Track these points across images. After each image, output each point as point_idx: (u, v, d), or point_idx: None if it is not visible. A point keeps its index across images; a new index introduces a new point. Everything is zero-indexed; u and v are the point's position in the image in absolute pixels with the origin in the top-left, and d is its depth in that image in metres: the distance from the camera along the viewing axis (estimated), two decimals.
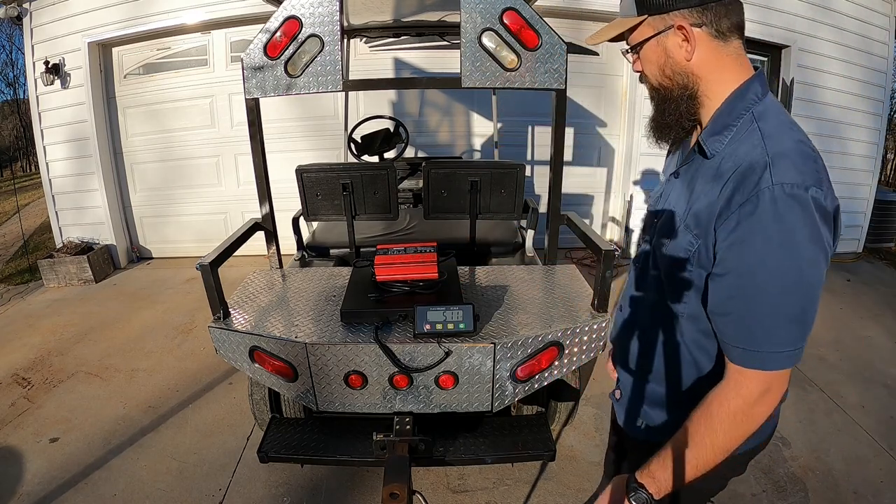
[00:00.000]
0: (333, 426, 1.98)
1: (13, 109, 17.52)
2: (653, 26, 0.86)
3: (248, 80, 1.85)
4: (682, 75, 0.88)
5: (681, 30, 0.84)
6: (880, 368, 3.04)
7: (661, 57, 0.88)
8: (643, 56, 0.91)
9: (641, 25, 0.88)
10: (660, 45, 0.87)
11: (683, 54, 0.85)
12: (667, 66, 0.88)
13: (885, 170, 12.03)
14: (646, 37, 0.88)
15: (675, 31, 0.84)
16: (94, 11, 4.38)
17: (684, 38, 0.85)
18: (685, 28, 0.84)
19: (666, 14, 0.84)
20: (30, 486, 2.18)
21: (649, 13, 0.86)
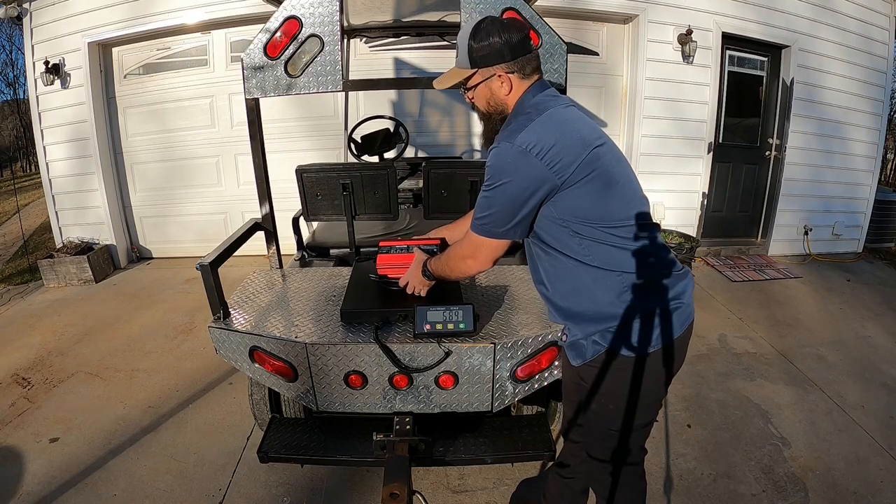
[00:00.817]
0: (333, 426, 1.98)
1: (13, 109, 17.52)
2: (482, 75, 1.30)
3: (248, 80, 1.85)
4: (499, 104, 1.32)
5: (500, 77, 1.28)
6: (880, 368, 3.04)
7: (488, 94, 1.32)
8: (476, 94, 1.34)
9: (475, 75, 1.30)
10: (487, 86, 1.31)
11: (503, 91, 1.30)
12: (491, 99, 1.32)
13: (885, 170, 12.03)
14: (477, 82, 1.31)
15: (497, 77, 1.28)
16: (95, 11, 4.38)
17: (503, 82, 1.28)
18: (502, 76, 1.28)
19: (490, 67, 1.27)
20: (30, 486, 2.18)
21: (479, 67, 1.28)
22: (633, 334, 1.26)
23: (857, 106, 4.96)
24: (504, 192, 1.22)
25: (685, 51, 4.48)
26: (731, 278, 4.48)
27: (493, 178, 1.24)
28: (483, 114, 1.37)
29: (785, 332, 3.50)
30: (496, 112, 1.34)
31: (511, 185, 1.21)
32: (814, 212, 5.10)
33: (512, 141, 1.20)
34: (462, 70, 1.31)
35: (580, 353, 1.34)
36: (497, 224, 1.27)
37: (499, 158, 1.22)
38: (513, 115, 1.30)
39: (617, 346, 1.27)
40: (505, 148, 1.21)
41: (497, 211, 1.26)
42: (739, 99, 4.95)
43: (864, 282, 4.47)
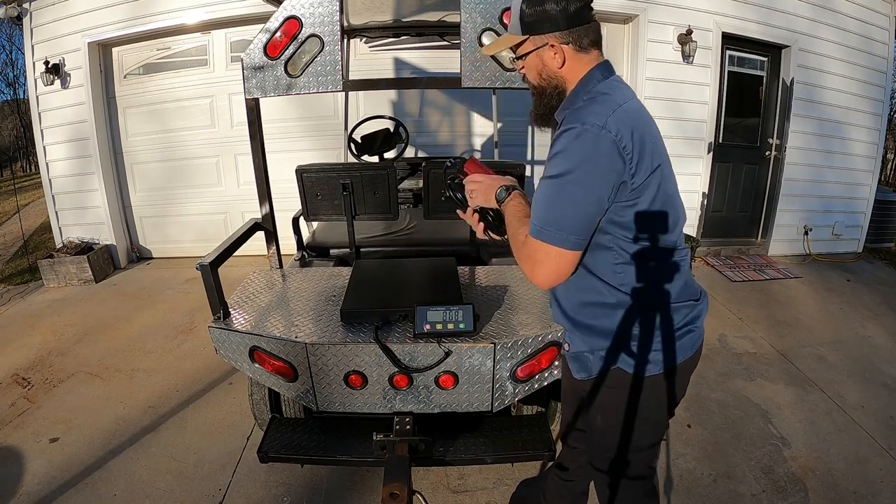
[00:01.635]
0: (333, 426, 1.98)
1: (13, 109, 17.52)
2: (533, 43, 1.16)
3: (248, 80, 1.85)
4: (553, 78, 1.18)
5: (552, 47, 1.14)
6: (880, 368, 3.04)
7: (539, 65, 1.18)
8: (526, 64, 1.21)
9: (525, 42, 1.17)
10: (538, 56, 1.17)
11: (556, 63, 1.16)
12: (543, 71, 1.19)
13: (885, 170, 12.03)
14: (528, 50, 1.18)
15: (549, 47, 1.15)
16: (95, 11, 4.38)
17: (556, 52, 1.14)
18: (556, 45, 1.14)
19: (542, 35, 1.14)
20: (30, 486, 2.18)
21: (531, 34, 1.15)
22: (644, 355, 1.19)
23: (857, 106, 4.96)
24: (582, 184, 1.05)
25: (685, 51, 4.48)
26: (731, 278, 4.48)
27: (566, 165, 1.05)
28: (535, 87, 1.23)
29: (785, 332, 3.50)
30: (550, 86, 1.19)
31: (592, 175, 1.04)
32: (814, 212, 5.10)
33: (593, 122, 1.03)
34: (512, 36, 1.18)
35: (584, 367, 1.28)
36: (569, 227, 1.07)
37: (578, 141, 1.04)
38: (577, 94, 1.16)
39: (626, 366, 1.21)
40: (587, 130, 1.03)
41: (570, 209, 1.07)
42: (739, 99, 4.95)
43: (864, 282, 4.47)
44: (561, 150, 1.07)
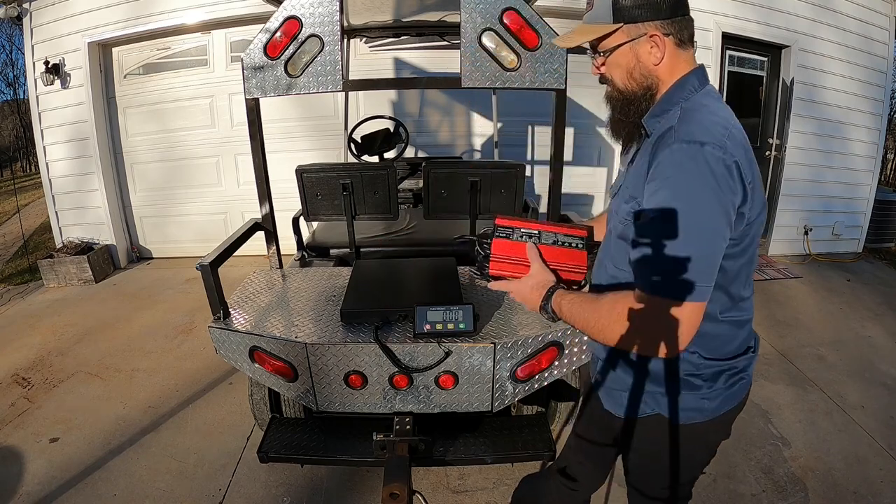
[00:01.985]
0: (333, 426, 1.98)
1: (13, 109, 17.51)
2: (627, 33, 0.95)
3: (248, 80, 1.85)
4: (647, 78, 0.98)
5: (653, 38, 0.94)
6: (880, 368, 3.04)
7: (632, 61, 0.97)
8: (612, 60, 0.99)
9: (616, 33, 0.95)
10: (632, 51, 0.96)
11: (652, 59, 0.96)
12: (635, 69, 0.98)
13: (885, 170, 12.02)
14: (619, 42, 0.96)
15: (648, 38, 0.94)
16: (95, 11, 4.38)
17: (654, 45, 0.95)
18: (658, 36, 0.94)
19: (640, 23, 0.94)
20: (30, 486, 2.18)
21: (625, 22, 0.94)
22: (692, 403, 1.06)
23: (857, 106, 4.96)
24: (705, 218, 0.86)
25: None
26: None
27: (681, 196, 0.86)
28: (619, 91, 1.01)
29: (785, 332, 3.50)
30: (641, 88, 0.98)
31: (714, 207, 0.85)
32: (814, 212, 5.10)
33: (710, 141, 0.85)
34: (598, 25, 0.96)
35: (617, 404, 1.16)
36: (698, 272, 0.87)
37: (693, 164, 0.85)
38: (670, 101, 0.96)
39: (672, 414, 1.08)
40: (706, 151, 0.84)
41: (695, 250, 0.87)
42: (739, 99, 4.95)
43: (864, 282, 4.47)
44: (671, 175, 0.87)
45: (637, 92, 0.99)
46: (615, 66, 1.00)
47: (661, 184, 0.88)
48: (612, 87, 1.03)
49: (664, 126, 0.95)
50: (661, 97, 0.98)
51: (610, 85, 1.03)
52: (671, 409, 1.07)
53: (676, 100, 0.96)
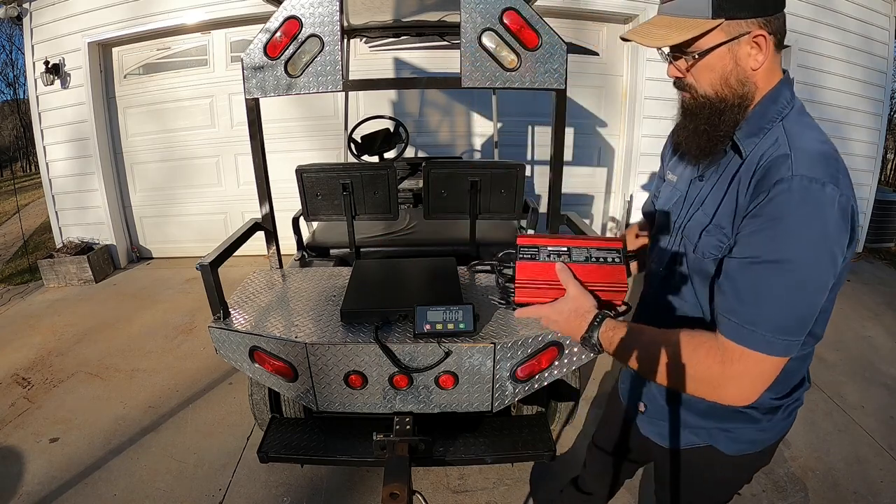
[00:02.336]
0: (333, 426, 1.98)
1: (13, 109, 17.52)
2: (726, 31, 0.79)
3: (248, 80, 1.85)
4: (744, 84, 0.83)
5: (757, 38, 0.80)
6: (880, 368, 3.04)
7: (729, 65, 0.82)
8: (706, 63, 0.82)
9: (714, 31, 0.80)
10: (730, 53, 0.81)
11: (751, 63, 0.82)
12: (732, 74, 0.82)
13: (885, 170, 12.03)
14: (717, 42, 0.80)
15: (751, 38, 0.80)
16: (95, 11, 4.38)
17: (756, 47, 0.81)
18: (763, 36, 0.80)
19: (743, 20, 0.79)
20: (30, 486, 2.18)
21: (727, 17, 0.78)
22: (750, 436, 1.03)
23: (857, 106, 4.96)
24: (816, 273, 0.76)
25: None
26: None
27: (794, 245, 0.75)
28: (707, 99, 0.85)
29: None
30: (735, 97, 0.83)
31: (826, 260, 0.76)
32: None
33: (824, 179, 0.75)
34: (692, 20, 0.80)
35: (662, 435, 1.12)
36: (794, 328, 0.79)
37: (807, 206, 0.74)
38: (764, 115, 0.84)
39: (727, 447, 1.04)
40: (823, 191, 0.74)
41: (797, 306, 0.78)
42: None
43: (864, 282, 4.47)
44: (783, 218, 0.75)
45: (730, 101, 0.84)
46: (706, 70, 0.83)
47: (770, 225, 0.76)
48: (693, 93, 0.87)
49: (769, 150, 0.81)
50: (754, 109, 0.85)
51: (690, 91, 0.88)
52: (726, 443, 1.04)
53: (773, 115, 0.84)
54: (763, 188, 0.78)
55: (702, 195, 0.93)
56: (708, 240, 0.88)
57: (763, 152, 0.82)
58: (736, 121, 0.85)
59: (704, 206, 0.91)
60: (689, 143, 0.92)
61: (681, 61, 0.86)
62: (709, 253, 0.88)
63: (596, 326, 0.90)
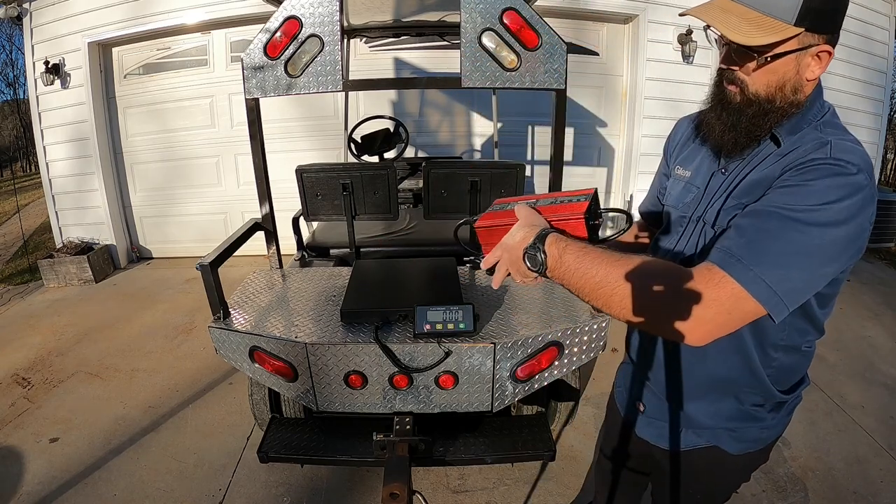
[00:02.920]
0: (333, 426, 1.98)
1: (13, 109, 17.51)
2: (800, 41, 0.80)
3: (248, 80, 1.85)
4: (797, 92, 0.85)
5: (821, 54, 0.82)
6: (880, 368, 3.04)
7: (791, 72, 0.83)
8: (769, 68, 0.82)
9: (793, 39, 0.79)
10: (795, 62, 0.82)
11: (809, 74, 0.83)
12: (790, 81, 0.83)
13: (885, 170, 12.03)
14: (791, 49, 0.80)
15: (816, 52, 0.81)
16: (95, 11, 4.38)
17: (817, 60, 0.82)
18: (827, 52, 0.82)
19: (818, 34, 0.80)
20: (30, 486, 2.18)
21: (808, 29, 0.78)
22: (754, 435, 1.03)
23: (857, 106, 4.96)
24: (839, 234, 0.77)
25: (685, 51, 4.48)
26: None
27: (817, 205, 0.76)
28: (757, 99, 0.85)
29: None
30: (786, 102, 0.85)
31: (850, 228, 0.77)
32: None
33: (866, 170, 0.78)
34: (775, 21, 0.78)
35: (663, 436, 1.11)
36: (799, 280, 0.77)
37: (849, 190, 0.76)
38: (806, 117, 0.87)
39: (729, 446, 1.04)
40: (865, 182, 0.77)
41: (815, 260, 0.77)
42: None
43: (863, 282, 4.47)
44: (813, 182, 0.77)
45: (779, 105, 0.84)
46: (768, 72, 0.83)
47: (796, 185, 0.78)
48: (743, 89, 0.86)
49: (808, 146, 0.83)
50: (796, 114, 0.87)
51: (740, 86, 0.86)
52: (730, 443, 1.03)
53: (811, 118, 0.87)
54: (798, 163, 0.80)
55: (728, 185, 0.92)
56: (726, 213, 0.89)
57: (801, 147, 0.84)
58: (778, 122, 0.86)
59: (735, 195, 0.90)
60: (724, 136, 0.91)
61: (749, 61, 0.83)
62: (726, 223, 0.87)
63: (542, 237, 0.83)
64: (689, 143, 1.07)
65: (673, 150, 1.12)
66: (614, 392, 1.31)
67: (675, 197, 1.05)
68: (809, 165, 0.78)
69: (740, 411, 0.99)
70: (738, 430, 1.02)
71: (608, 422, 1.38)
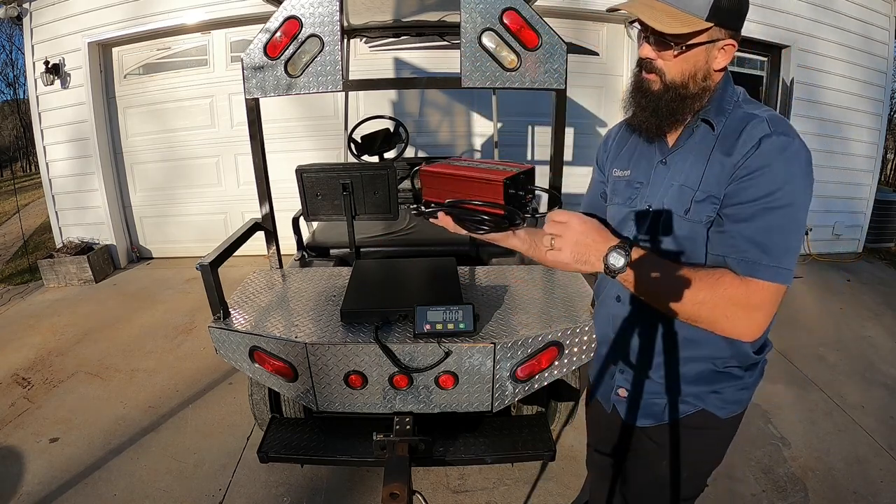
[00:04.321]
0: (333, 426, 1.98)
1: (13, 109, 17.51)
2: (710, 35, 0.92)
3: (248, 80, 1.85)
4: (707, 80, 0.97)
5: (726, 48, 0.94)
6: (880, 368, 3.04)
7: (701, 61, 0.95)
8: (683, 57, 0.94)
9: (704, 31, 0.91)
10: (704, 53, 0.94)
11: (716, 64, 0.96)
12: (700, 70, 0.96)
13: (885, 170, 12.02)
14: (702, 41, 0.93)
15: (722, 45, 0.94)
16: (95, 11, 4.38)
17: (723, 52, 0.95)
18: (732, 46, 0.95)
19: (725, 29, 0.93)
20: (30, 486, 2.18)
21: (717, 23, 0.91)
22: (735, 395, 1.09)
23: (857, 106, 4.96)
24: (801, 209, 0.91)
25: None
26: None
27: (787, 187, 0.89)
28: (673, 86, 0.96)
29: (785, 332, 3.49)
30: (698, 88, 0.97)
31: (806, 199, 0.91)
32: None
33: (798, 136, 0.91)
34: (690, 16, 0.90)
35: (651, 414, 1.13)
36: (793, 259, 0.93)
37: (794, 158, 0.90)
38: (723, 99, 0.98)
39: (716, 408, 1.08)
40: (801, 146, 0.91)
41: (795, 238, 0.93)
42: None
43: (863, 282, 4.47)
44: (773, 165, 0.89)
45: (692, 90, 0.97)
46: (682, 61, 0.95)
47: (763, 173, 0.90)
48: (659, 77, 0.97)
49: (741, 121, 0.95)
50: (714, 96, 0.99)
51: (658, 75, 0.97)
52: (716, 405, 1.08)
53: (729, 99, 0.99)
54: (748, 145, 0.92)
55: (675, 174, 1.02)
56: (700, 206, 0.97)
57: (734, 124, 0.96)
58: (693, 107, 0.98)
59: (686, 181, 1.00)
60: (648, 121, 1.01)
61: (666, 49, 0.94)
62: (704, 217, 0.97)
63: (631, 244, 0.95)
64: (622, 146, 1.16)
65: (606, 158, 1.21)
66: (590, 389, 1.33)
67: (621, 195, 1.13)
68: (759, 148, 0.90)
69: (718, 373, 1.06)
70: (721, 391, 1.07)
71: (591, 420, 1.40)
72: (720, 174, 0.95)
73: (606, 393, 1.24)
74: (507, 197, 0.99)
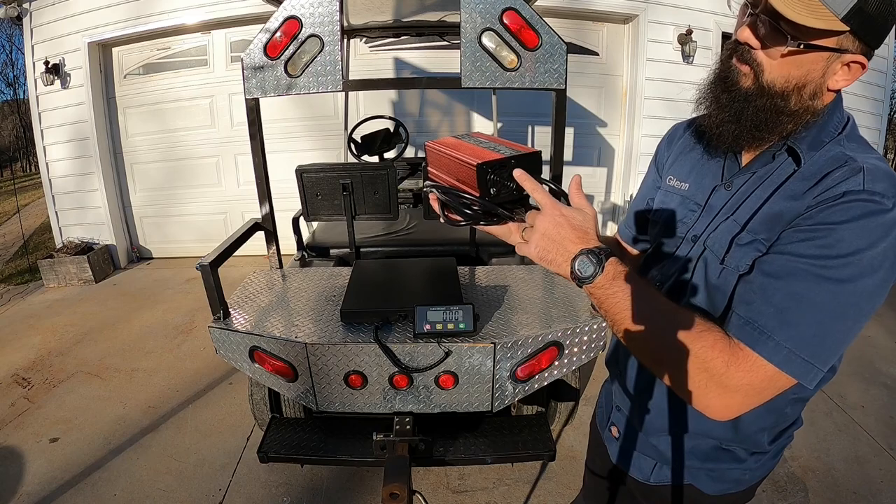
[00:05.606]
0: (333, 426, 1.98)
1: (13, 109, 17.51)
2: (840, 42, 0.68)
3: (248, 80, 1.85)
4: (814, 98, 0.73)
5: (852, 65, 0.71)
6: (880, 368, 3.04)
7: (816, 73, 0.71)
8: (797, 57, 0.70)
9: (834, 37, 0.68)
10: (826, 62, 0.70)
11: (833, 83, 0.72)
12: (812, 82, 0.72)
13: None
14: (826, 44, 0.68)
15: (848, 61, 0.70)
16: (95, 11, 4.38)
17: (846, 69, 0.71)
18: (859, 65, 0.70)
19: (859, 41, 0.68)
20: (30, 486, 2.18)
21: (852, 30, 0.66)
22: (735, 476, 0.93)
23: (857, 106, 4.95)
24: (865, 297, 0.70)
25: (685, 51, 4.48)
26: None
27: (860, 262, 0.67)
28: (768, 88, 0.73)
29: None
30: (800, 105, 0.73)
31: (879, 287, 0.70)
32: None
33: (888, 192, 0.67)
34: (825, 10, 0.65)
35: (638, 466, 1.02)
36: (834, 343, 0.70)
37: (884, 227, 0.66)
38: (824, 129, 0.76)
39: (706, 486, 0.94)
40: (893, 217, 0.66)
41: (842, 330, 0.71)
42: None
43: None
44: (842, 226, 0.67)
45: (792, 105, 0.73)
46: (791, 64, 0.71)
47: (832, 231, 0.67)
48: (754, 72, 0.74)
49: (834, 164, 0.73)
50: (815, 123, 0.76)
51: (753, 68, 0.73)
52: (706, 483, 0.94)
53: (832, 130, 0.76)
54: (825, 196, 0.70)
55: (733, 203, 0.82)
56: (742, 251, 0.77)
57: (821, 163, 0.75)
58: (786, 128, 0.76)
59: (737, 215, 0.80)
60: (723, 126, 0.79)
61: (778, 43, 0.70)
62: (744, 265, 0.76)
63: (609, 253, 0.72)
64: (686, 150, 0.95)
65: (666, 160, 1.00)
66: (595, 411, 1.25)
67: (669, 213, 0.94)
68: (839, 202, 0.68)
69: (719, 450, 0.90)
70: (716, 470, 0.93)
71: (591, 440, 1.31)
72: (777, 218, 0.74)
73: (603, 421, 1.14)
74: (483, 185, 0.81)
